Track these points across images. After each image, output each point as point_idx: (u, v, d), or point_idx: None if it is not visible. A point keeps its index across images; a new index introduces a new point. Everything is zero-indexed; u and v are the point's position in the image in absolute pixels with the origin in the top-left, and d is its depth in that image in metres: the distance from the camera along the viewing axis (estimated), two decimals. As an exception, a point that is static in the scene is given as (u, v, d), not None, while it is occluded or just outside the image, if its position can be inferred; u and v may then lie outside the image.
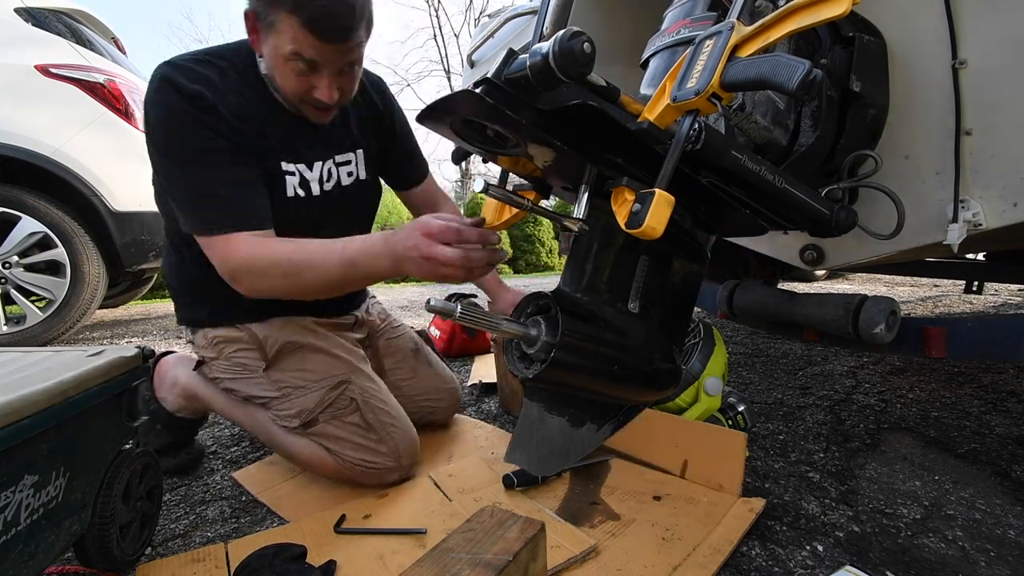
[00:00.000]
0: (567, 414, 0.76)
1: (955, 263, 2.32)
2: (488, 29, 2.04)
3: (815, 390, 1.64)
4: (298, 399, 1.04)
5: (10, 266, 2.35)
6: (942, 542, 0.86)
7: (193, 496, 1.09)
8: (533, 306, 0.69)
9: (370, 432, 1.03)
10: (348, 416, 1.04)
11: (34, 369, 0.74)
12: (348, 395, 1.04)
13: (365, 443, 1.03)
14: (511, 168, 0.76)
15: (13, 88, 2.32)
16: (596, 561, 0.81)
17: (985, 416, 1.37)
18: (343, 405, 1.04)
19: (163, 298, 5.47)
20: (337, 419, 1.03)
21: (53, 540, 0.67)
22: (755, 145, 0.83)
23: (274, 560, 0.79)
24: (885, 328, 1.02)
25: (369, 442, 1.03)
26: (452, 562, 0.53)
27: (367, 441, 1.03)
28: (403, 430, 1.07)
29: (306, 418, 1.03)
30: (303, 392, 1.04)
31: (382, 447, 1.03)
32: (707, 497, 0.97)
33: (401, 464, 1.05)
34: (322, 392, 1.04)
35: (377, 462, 1.03)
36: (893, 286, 4.06)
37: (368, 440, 1.03)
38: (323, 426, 1.03)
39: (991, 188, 0.83)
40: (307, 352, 1.07)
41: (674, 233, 0.68)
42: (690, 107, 0.59)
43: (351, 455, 1.02)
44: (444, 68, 17.98)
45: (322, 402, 1.03)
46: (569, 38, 0.54)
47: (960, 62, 0.82)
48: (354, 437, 1.03)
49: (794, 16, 0.56)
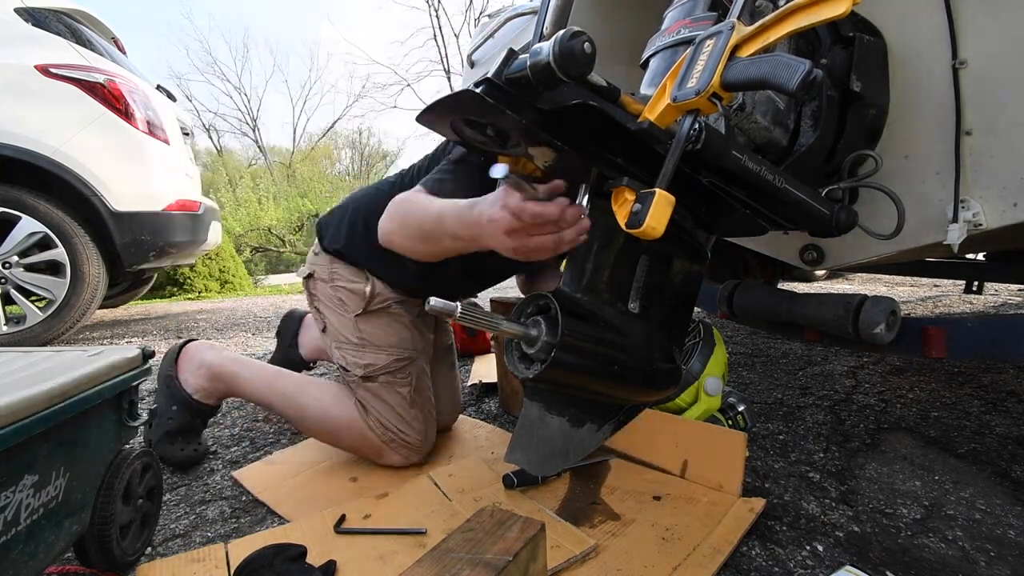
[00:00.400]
0: (567, 414, 0.76)
1: (955, 263, 2.31)
2: (488, 29, 2.05)
3: (815, 390, 1.64)
4: (372, 354, 1.13)
5: (10, 266, 2.35)
6: (942, 542, 0.86)
7: (193, 496, 1.09)
8: (533, 306, 0.69)
9: (412, 408, 1.13)
10: (402, 387, 1.13)
11: (34, 369, 0.74)
12: (409, 370, 1.14)
13: (405, 415, 1.12)
14: (511, 168, 0.76)
15: (13, 88, 2.32)
16: (596, 561, 0.80)
17: (985, 416, 1.37)
18: (403, 376, 1.13)
19: (163, 298, 5.48)
20: (392, 386, 1.12)
21: (53, 540, 0.67)
22: (755, 145, 0.83)
23: (274, 560, 0.79)
24: (885, 328, 1.02)
25: (408, 416, 1.12)
26: (452, 562, 0.53)
27: (407, 415, 1.12)
28: (433, 422, 1.18)
29: (370, 372, 1.11)
30: (378, 351, 1.13)
31: (416, 424, 1.12)
32: (707, 497, 0.97)
33: (424, 447, 1.14)
34: (392, 359, 1.13)
35: (409, 436, 1.11)
36: (893, 286, 4.06)
37: (408, 414, 1.12)
38: (379, 386, 1.11)
39: (991, 188, 0.83)
40: (395, 320, 1.16)
41: (674, 233, 0.69)
42: (690, 107, 0.59)
43: (391, 422, 1.10)
44: (444, 68, 18.00)
45: (388, 366, 1.12)
46: (570, 38, 0.54)
47: (960, 62, 0.82)
48: (398, 407, 1.11)
49: (794, 16, 0.56)
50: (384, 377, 1.12)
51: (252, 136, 21.75)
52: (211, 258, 5.93)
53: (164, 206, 2.64)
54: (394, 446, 1.11)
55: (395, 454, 1.12)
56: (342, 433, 1.14)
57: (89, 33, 2.79)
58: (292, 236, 13.38)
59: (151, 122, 2.67)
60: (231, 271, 6.25)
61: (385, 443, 1.11)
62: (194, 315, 3.87)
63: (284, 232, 13.42)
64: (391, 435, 1.10)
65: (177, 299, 5.46)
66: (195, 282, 5.79)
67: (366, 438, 1.11)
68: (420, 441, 1.13)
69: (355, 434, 1.12)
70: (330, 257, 1.19)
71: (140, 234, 2.54)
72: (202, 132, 20.25)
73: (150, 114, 2.67)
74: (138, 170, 2.57)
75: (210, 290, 5.91)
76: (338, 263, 1.17)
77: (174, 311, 4.19)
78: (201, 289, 5.82)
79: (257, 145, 21.78)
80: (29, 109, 2.33)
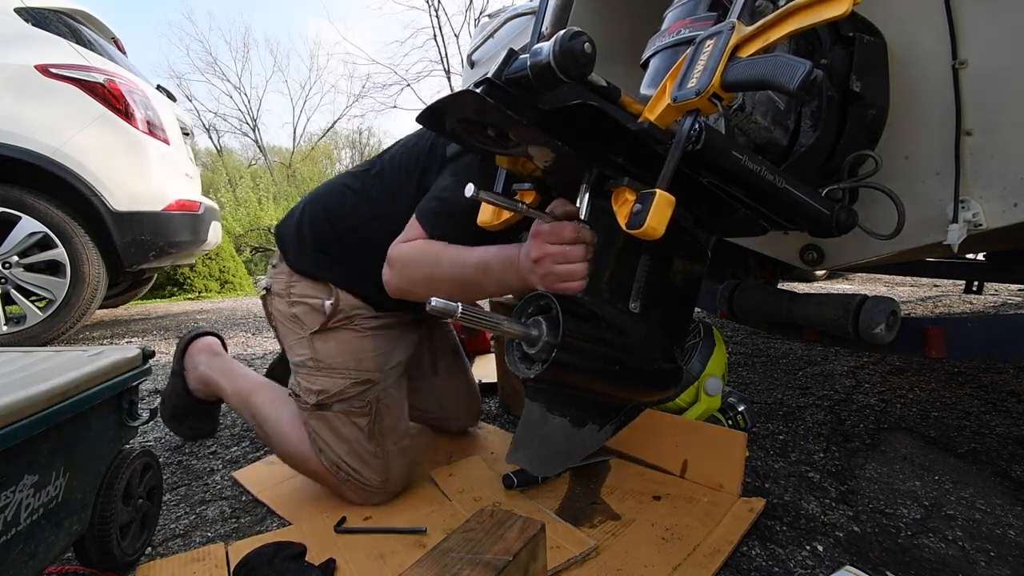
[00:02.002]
0: (568, 414, 0.76)
1: (955, 263, 2.31)
2: (488, 29, 2.04)
3: (815, 390, 1.64)
4: (325, 378, 1.00)
5: (10, 266, 2.35)
6: (942, 542, 0.86)
7: (193, 496, 1.09)
8: (534, 306, 0.69)
9: (371, 442, 0.99)
10: (359, 418, 1.00)
11: (34, 369, 0.74)
12: (368, 397, 1.01)
13: (362, 452, 0.98)
14: (511, 168, 0.76)
15: (13, 88, 2.32)
16: (596, 561, 0.80)
17: (985, 416, 1.37)
18: (360, 404, 1.00)
19: (163, 298, 5.48)
20: (348, 416, 0.99)
21: (53, 540, 0.67)
22: (755, 145, 0.83)
23: (273, 559, 0.79)
24: (885, 328, 1.02)
25: (365, 453, 0.99)
26: (452, 562, 0.53)
27: (364, 451, 0.99)
28: (401, 458, 1.03)
29: (322, 399, 0.99)
30: (332, 373, 1.00)
31: (374, 463, 0.99)
32: (707, 497, 0.97)
33: (387, 489, 1.01)
34: (348, 382, 1.00)
35: (364, 477, 0.98)
36: (893, 286, 4.06)
37: (365, 451, 0.99)
38: (333, 416, 0.99)
39: (991, 188, 0.83)
40: (357, 337, 1.03)
41: (675, 233, 0.69)
42: (691, 107, 0.59)
43: (343, 459, 0.98)
44: (444, 68, 17.96)
45: (344, 391, 0.99)
46: (570, 38, 0.54)
47: (960, 62, 0.82)
48: (354, 442, 0.99)
49: (794, 16, 0.56)
50: (339, 405, 0.99)
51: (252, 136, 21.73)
52: (211, 258, 5.93)
53: (164, 206, 2.64)
54: (347, 487, 0.99)
55: (352, 493, 1.00)
56: (300, 467, 1.04)
57: (89, 33, 2.79)
58: (292, 236, 13.32)
59: (151, 122, 2.66)
60: (231, 271, 6.25)
61: (338, 483, 0.99)
62: (194, 315, 3.87)
63: (284, 232, 13.36)
64: (343, 475, 0.98)
65: (177, 299, 5.45)
66: (195, 282, 5.79)
67: (320, 474, 1.00)
68: (379, 484, 0.98)
69: (312, 469, 1.01)
70: (290, 269, 1.08)
71: (140, 234, 2.54)
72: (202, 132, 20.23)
73: (150, 114, 2.67)
74: (138, 170, 2.56)
75: (210, 290, 5.90)
76: (297, 276, 1.06)
77: (174, 311, 4.19)
78: (201, 289, 5.81)
79: (257, 145, 21.76)
80: (29, 109, 2.33)
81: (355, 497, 1.00)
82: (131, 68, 2.93)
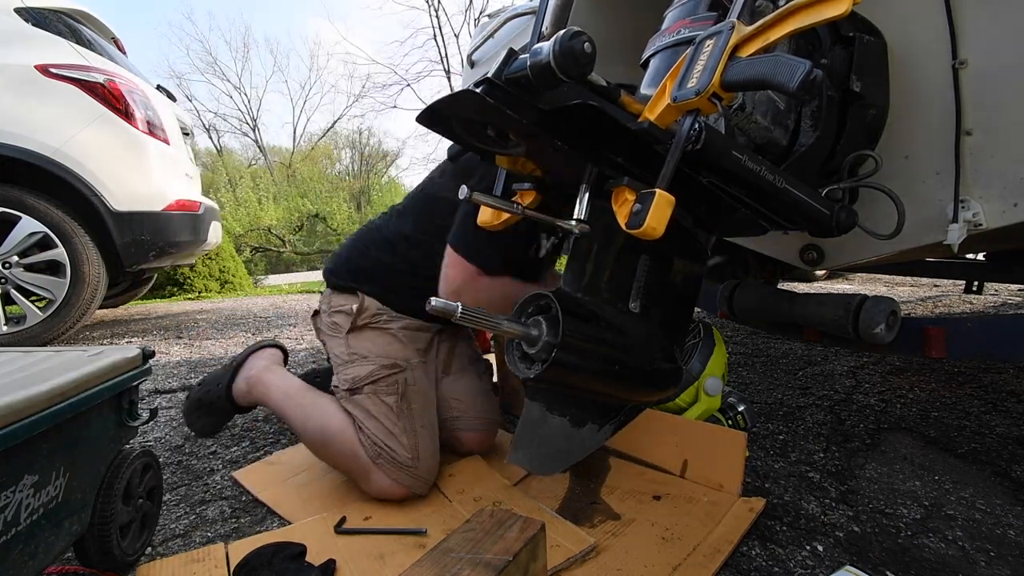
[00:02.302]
0: (568, 414, 0.75)
1: (955, 263, 2.31)
2: (488, 29, 2.05)
3: (815, 390, 1.64)
4: (356, 366, 1.12)
5: (10, 266, 2.35)
6: (942, 542, 0.86)
7: (193, 496, 1.09)
8: (534, 306, 0.69)
9: (400, 420, 1.06)
10: (387, 396, 1.08)
11: (34, 369, 0.74)
12: (396, 379, 1.10)
13: (391, 427, 1.05)
14: (511, 168, 0.76)
15: (13, 88, 2.32)
16: (596, 561, 0.81)
17: (985, 416, 1.37)
18: (387, 385, 1.09)
19: (163, 298, 5.48)
20: (376, 395, 1.08)
21: (53, 540, 0.67)
22: (755, 145, 0.83)
23: (273, 558, 0.79)
24: (885, 328, 1.02)
25: (395, 428, 1.05)
26: (452, 562, 0.53)
27: (393, 427, 1.05)
28: (431, 441, 1.08)
29: (355, 384, 1.09)
30: (363, 362, 1.12)
31: (405, 440, 1.04)
32: (707, 497, 0.97)
33: (418, 470, 1.03)
34: (375, 366, 1.11)
35: (396, 452, 1.02)
36: (893, 286, 4.06)
37: (395, 427, 1.05)
38: (364, 397, 1.08)
39: (991, 188, 0.83)
40: (383, 332, 1.17)
41: (675, 233, 0.68)
42: (691, 107, 0.59)
43: (376, 435, 1.04)
44: (444, 68, 17.97)
45: (372, 374, 1.09)
46: (570, 38, 0.54)
47: (960, 62, 0.82)
48: (383, 418, 1.05)
49: (794, 16, 0.56)
50: (368, 387, 1.08)
51: (252, 136, 21.75)
52: (211, 258, 5.93)
53: (164, 206, 2.64)
54: (381, 463, 1.02)
55: (383, 475, 1.01)
56: (334, 444, 1.07)
57: (89, 33, 2.79)
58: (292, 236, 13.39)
59: (151, 122, 2.67)
60: (231, 271, 6.25)
61: (372, 459, 1.02)
62: (194, 315, 3.87)
63: (284, 232, 13.42)
64: (378, 450, 1.02)
65: (177, 299, 5.46)
66: (195, 282, 5.79)
67: (356, 454, 1.04)
68: (410, 460, 1.02)
69: (346, 449, 1.05)
70: (330, 291, 1.25)
71: (140, 234, 2.54)
72: (202, 132, 20.24)
73: (150, 114, 2.67)
74: (138, 170, 2.57)
75: (210, 290, 5.91)
76: (334, 293, 1.23)
77: (174, 311, 4.19)
78: (201, 289, 5.82)
79: (257, 145, 21.77)
80: (29, 109, 2.33)
81: (386, 481, 1.02)
82: (131, 68, 2.93)
